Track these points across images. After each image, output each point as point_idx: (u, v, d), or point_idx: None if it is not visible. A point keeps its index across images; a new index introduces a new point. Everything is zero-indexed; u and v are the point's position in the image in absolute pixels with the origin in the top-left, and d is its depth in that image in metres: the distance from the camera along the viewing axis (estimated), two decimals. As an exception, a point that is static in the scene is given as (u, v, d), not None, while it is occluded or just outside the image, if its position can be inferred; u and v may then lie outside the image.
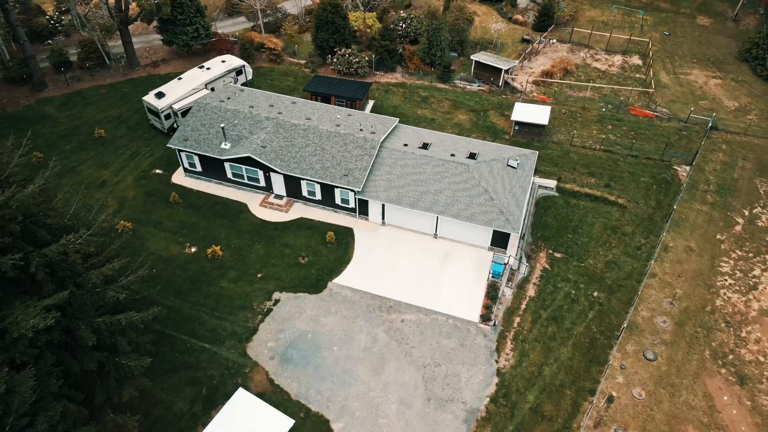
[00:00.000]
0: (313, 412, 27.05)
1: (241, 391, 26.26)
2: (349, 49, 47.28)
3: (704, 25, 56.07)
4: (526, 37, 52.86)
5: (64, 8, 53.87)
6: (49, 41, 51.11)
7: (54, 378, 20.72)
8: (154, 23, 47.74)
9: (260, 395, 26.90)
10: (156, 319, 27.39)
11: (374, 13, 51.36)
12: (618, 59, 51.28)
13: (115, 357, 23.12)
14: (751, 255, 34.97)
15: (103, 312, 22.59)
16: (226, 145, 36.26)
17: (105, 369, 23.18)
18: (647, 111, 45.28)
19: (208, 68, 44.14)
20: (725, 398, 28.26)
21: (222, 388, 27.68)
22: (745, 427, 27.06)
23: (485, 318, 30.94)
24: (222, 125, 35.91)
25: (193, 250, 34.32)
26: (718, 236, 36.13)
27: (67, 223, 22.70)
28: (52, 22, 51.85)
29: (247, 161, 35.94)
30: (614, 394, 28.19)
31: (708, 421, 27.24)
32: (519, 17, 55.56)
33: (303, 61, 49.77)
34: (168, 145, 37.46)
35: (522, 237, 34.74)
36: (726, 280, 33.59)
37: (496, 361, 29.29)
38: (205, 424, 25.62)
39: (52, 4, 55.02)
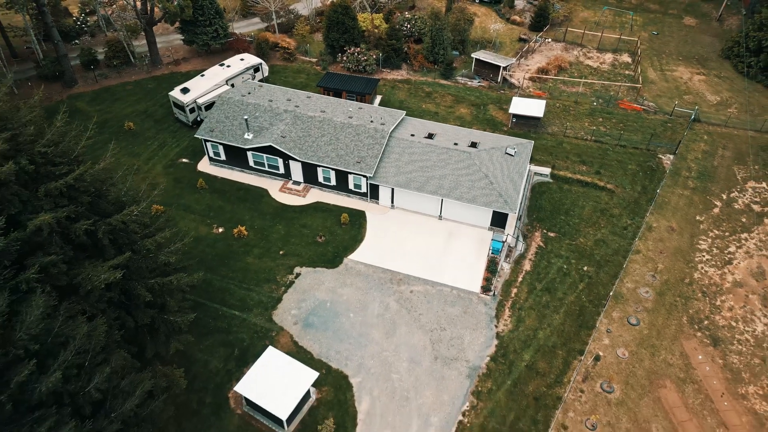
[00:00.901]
0: (333, 369, 30.51)
1: (270, 348, 29.69)
2: (358, 48, 50.73)
3: (690, 25, 59.57)
4: (523, 36, 56.35)
5: (88, 10, 57.24)
6: (76, 41, 54.50)
7: (116, 330, 24.15)
8: (176, 24, 51.10)
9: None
10: (192, 288, 30.85)
11: (381, 14, 54.80)
12: (609, 57, 54.79)
13: (164, 315, 26.57)
14: (727, 234, 38.47)
15: (156, 275, 26.03)
16: (249, 135, 39.71)
17: (155, 325, 26.62)
18: (635, 105, 48.76)
19: (228, 66, 47.59)
20: (700, 357, 31.76)
21: (252, 348, 31.09)
22: (716, 381, 30.54)
23: (485, 289, 34.41)
24: (245, 117, 39.37)
25: (220, 230, 37.78)
26: (697, 217, 39.63)
27: (122, 198, 26.11)
28: (79, 23, 55.23)
29: (268, 150, 39.40)
30: (601, 353, 31.67)
31: (684, 377, 30.73)
32: (516, 18, 59.04)
33: (314, 60, 53.22)
34: (195, 136, 40.96)
35: (519, 218, 38.23)
36: (704, 255, 37.08)
37: (496, 326, 32.76)
38: (238, 379, 29.07)
39: (77, 6, 58.36)
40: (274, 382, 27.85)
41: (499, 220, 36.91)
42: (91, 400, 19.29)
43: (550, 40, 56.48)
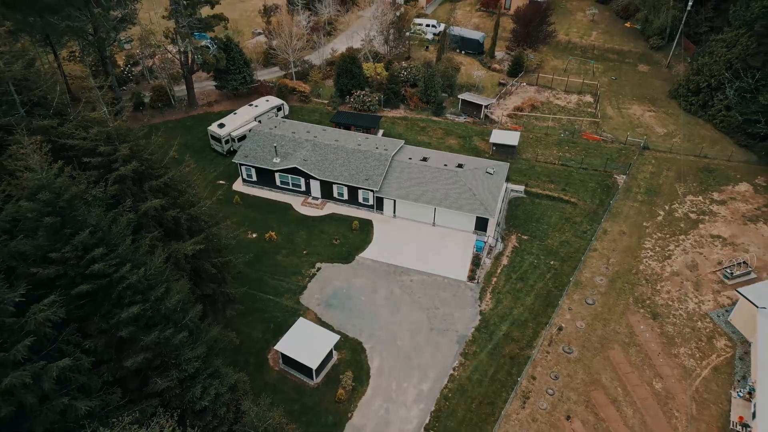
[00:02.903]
0: (350, 337, 38.30)
1: (301, 319, 37.63)
2: (363, 91, 60.59)
3: (644, 72, 70.16)
4: (501, 81, 66.58)
5: (133, 62, 67.40)
6: (123, 87, 64.29)
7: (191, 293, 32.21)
8: (211, 72, 61.01)
9: (313, 325, 38.24)
10: (239, 273, 38.94)
11: (382, 63, 65.07)
12: (574, 98, 64.89)
13: (222, 288, 34.67)
14: (667, 236, 47.08)
15: (217, 256, 34.28)
16: (276, 159, 48.70)
17: (215, 297, 34.60)
18: (596, 136, 58.34)
19: (255, 105, 57.17)
20: (642, 327, 39.77)
21: (284, 324, 38.75)
22: (654, 345, 38.45)
23: (471, 278, 42.62)
24: (275, 145, 48.49)
25: (254, 235, 46.14)
26: (644, 223, 48.34)
27: (191, 198, 34.66)
28: (125, 72, 65.20)
29: (293, 171, 48.31)
30: (563, 325, 39.65)
31: (629, 341, 38.65)
32: (496, 66, 69.51)
33: (326, 101, 63.01)
34: (233, 161, 49.97)
35: (498, 224, 46.84)
36: (648, 252, 45.57)
37: (479, 306, 40.80)
38: (275, 345, 36.73)
39: (122, 58, 68.49)
40: (304, 342, 35.63)
41: (481, 225, 45.50)
42: (188, 328, 27.10)
43: (524, 84, 66.71)
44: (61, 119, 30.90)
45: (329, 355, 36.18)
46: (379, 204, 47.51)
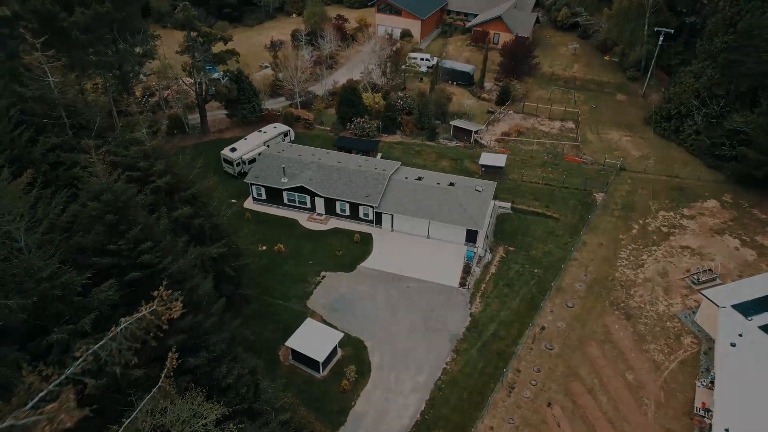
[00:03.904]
0: (352, 337, 42.29)
1: (309, 319, 41.73)
2: (363, 118, 65.88)
3: (621, 100, 75.95)
4: (490, 109, 72.12)
5: (149, 93, 72.84)
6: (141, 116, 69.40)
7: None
8: (222, 102, 66.32)
9: (319, 325, 42.30)
10: (251, 280, 43.13)
11: (380, 93, 70.65)
12: (557, 124, 70.38)
13: (239, 289, 38.90)
14: (641, 247, 51.63)
15: (235, 260, 38.62)
16: (284, 179, 53.46)
17: (233, 297, 38.77)
18: (577, 158, 63.47)
19: (264, 132, 62.29)
20: (616, 327, 43.92)
21: (293, 325, 42.51)
22: (627, 342, 42.56)
23: (462, 284, 46.89)
24: (283, 166, 53.35)
25: (264, 248, 50.48)
26: (620, 236, 52.95)
27: (212, 210, 39.20)
28: (143, 103, 70.51)
29: (299, 189, 53.02)
30: (545, 325, 43.79)
31: (604, 339, 42.77)
32: (485, 95, 75.21)
33: (328, 128, 68.25)
34: (245, 181, 54.74)
35: (486, 236, 51.38)
36: (623, 261, 50.03)
37: (470, 309, 44.95)
38: (284, 342, 40.70)
39: (139, 90, 73.90)
40: (312, 339, 39.67)
41: (471, 237, 50.03)
42: (216, 315, 31.23)
43: (511, 111, 72.27)
44: (103, 140, 35.69)
45: (334, 351, 40.15)
46: (378, 219, 52.08)
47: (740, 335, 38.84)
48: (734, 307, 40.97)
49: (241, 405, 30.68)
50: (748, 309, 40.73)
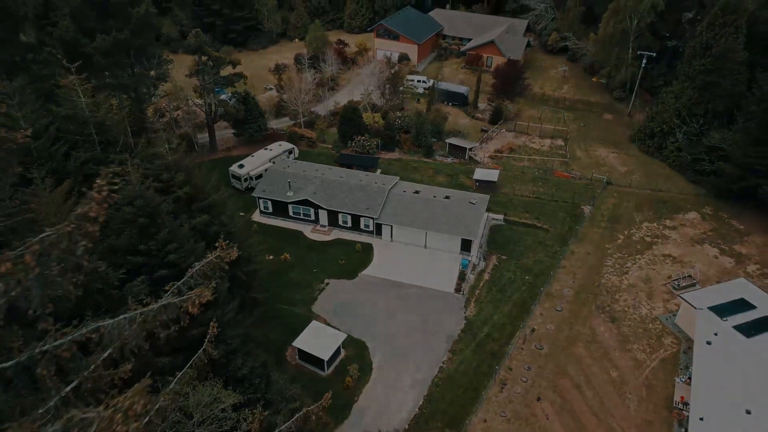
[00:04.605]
0: (355, 338, 45.14)
1: (314, 321, 44.67)
2: (363, 137, 69.61)
3: (608, 119, 79.98)
4: (484, 128, 75.99)
5: (159, 114, 76.66)
6: (153, 135, 73.13)
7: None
8: (230, 122, 70.09)
9: (324, 328, 45.20)
10: (260, 284, 46.16)
11: (379, 113, 74.60)
12: (547, 141, 74.20)
13: (249, 293, 41.93)
14: (626, 256, 54.84)
15: (246, 265, 41.72)
16: (290, 193, 56.84)
17: (244, 300, 41.74)
18: (566, 173, 67.08)
19: (270, 149, 65.91)
20: (602, 328, 46.92)
21: (299, 327, 45.36)
22: (612, 342, 45.49)
23: (457, 290, 49.93)
24: (289, 181, 56.79)
25: (271, 257, 53.57)
26: (606, 245, 56.20)
27: (225, 219, 42.42)
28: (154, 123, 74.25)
29: (304, 202, 56.36)
30: (535, 327, 46.74)
31: (591, 340, 45.71)
32: (479, 115, 79.20)
33: (330, 146, 71.93)
34: (253, 195, 58.11)
35: (480, 246, 54.61)
36: (609, 269, 53.19)
37: (464, 312, 47.93)
38: (291, 343, 43.55)
39: (150, 111, 77.71)
40: (317, 340, 42.57)
41: (466, 246, 53.24)
42: (232, 311, 34.25)
43: (504, 130, 76.13)
44: (128, 155, 39.13)
45: (338, 351, 43.01)
46: (378, 230, 55.33)
47: (715, 334, 41.86)
48: (711, 308, 44.05)
49: (254, 394, 33.57)
50: (723, 311, 43.81)
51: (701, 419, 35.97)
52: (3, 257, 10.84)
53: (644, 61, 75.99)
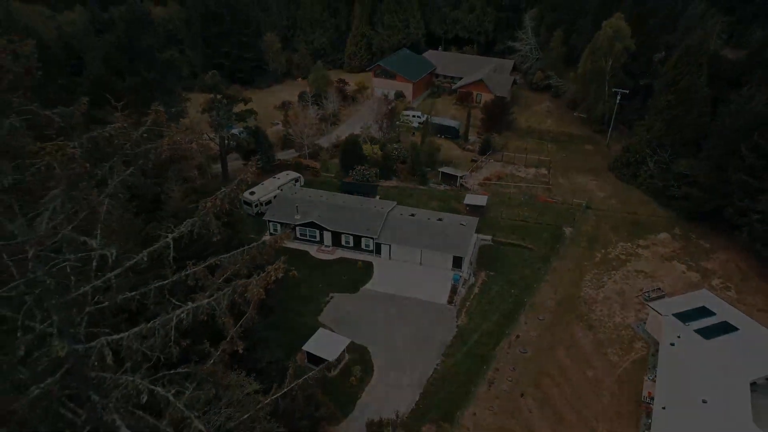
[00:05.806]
0: (357, 344, 50.08)
1: (321, 329, 49.73)
2: (363, 166, 75.91)
3: (588, 150, 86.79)
4: (473, 158, 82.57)
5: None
6: (168, 165, 79.22)
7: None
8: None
9: (329, 335, 50.23)
10: (272, 294, 51.31)
11: (378, 145, 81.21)
12: (532, 170, 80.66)
13: (264, 299, 47.10)
14: (602, 272, 60.37)
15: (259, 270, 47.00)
16: (297, 216, 62.60)
17: (264, 302, 46.90)
18: (549, 199, 73.22)
19: (278, 178, 72.01)
20: (580, 335, 52.06)
21: (307, 335, 50.52)
22: (588, 347, 50.60)
23: (450, 302, 55.16)
24: (296, 205, 62.62)
25: (281, 275, 58.74)
26: (584, 262, 61.81)
27: (242, 235, 47.95)
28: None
29: (310, 225, 62.05)
30: (520, 334, 51.85)
31: (570, 345, 50.81)
32: (469, 147, 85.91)
33: (333, 175, 78.15)
34: (263, 218, 63.83)
35: (470, 263, 60.14)
36: (587, 283, 58.65)
37: (456, 322, 53.06)
38: (301, 348, 48.47)
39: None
40: (324, 344, 47.57)
41: (457, 263, 58.78)
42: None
43: (492, 160, 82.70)
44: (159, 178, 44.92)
45: (343, 354, 47.96)
46: (377, 249, 60.90)
47: (679, 336, 47.16)
48: (675, 315, 49.46)
49: (271, 383, 38.51)
50: (686, 317, 49.20)
51: (663, 408, 40.93)
52: (212, 198, 17.96)
53: (618, 97, 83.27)
